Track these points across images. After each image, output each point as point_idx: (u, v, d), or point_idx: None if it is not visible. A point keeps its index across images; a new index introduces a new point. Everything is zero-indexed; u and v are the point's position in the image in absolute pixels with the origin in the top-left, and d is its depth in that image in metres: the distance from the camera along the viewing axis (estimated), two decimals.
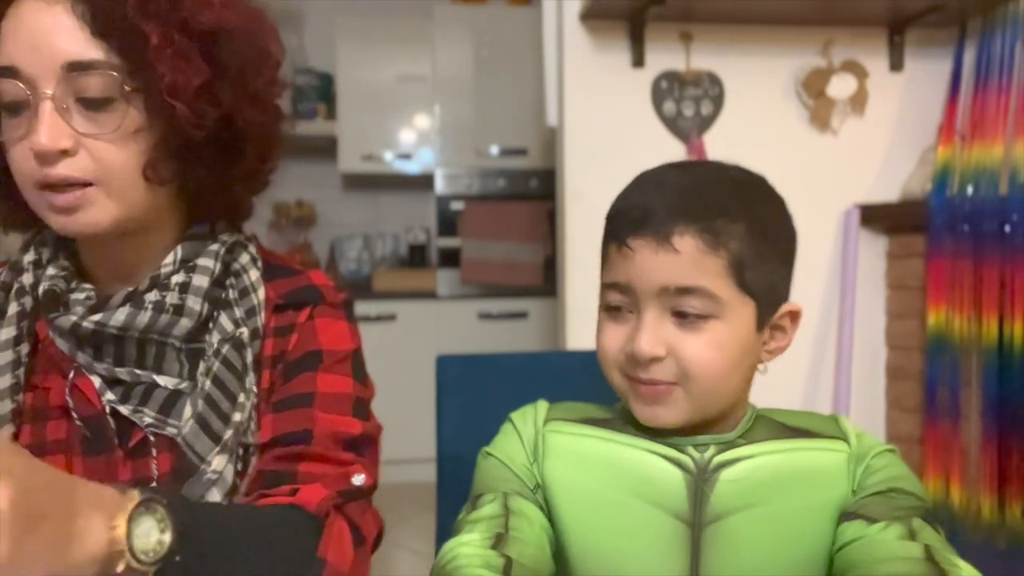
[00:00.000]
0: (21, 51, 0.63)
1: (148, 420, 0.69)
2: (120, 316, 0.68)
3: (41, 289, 0.70)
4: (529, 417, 0.72)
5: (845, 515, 0.63)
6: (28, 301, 0.71)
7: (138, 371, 0.70)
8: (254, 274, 0.76)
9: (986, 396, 1.71)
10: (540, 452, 0.69)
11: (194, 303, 0.71)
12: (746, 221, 0.63)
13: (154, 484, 0.68)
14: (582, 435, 0.69)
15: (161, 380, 0.70)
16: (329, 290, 0.79)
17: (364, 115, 3.35)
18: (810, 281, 1.98)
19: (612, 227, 0.67)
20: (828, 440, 0.67)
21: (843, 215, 1.97)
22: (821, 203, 1.96)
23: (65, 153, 0.64)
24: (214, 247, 0.74)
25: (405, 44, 3.33)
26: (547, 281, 3.07)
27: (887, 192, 1.98)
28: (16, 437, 0.68)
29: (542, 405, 0.73)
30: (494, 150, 3.32)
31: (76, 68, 0.63)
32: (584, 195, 1.89)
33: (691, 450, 0.66)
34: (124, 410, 0.69)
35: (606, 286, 0.67)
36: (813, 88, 1.92)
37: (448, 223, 3.30)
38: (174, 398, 0.70)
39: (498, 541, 0.61)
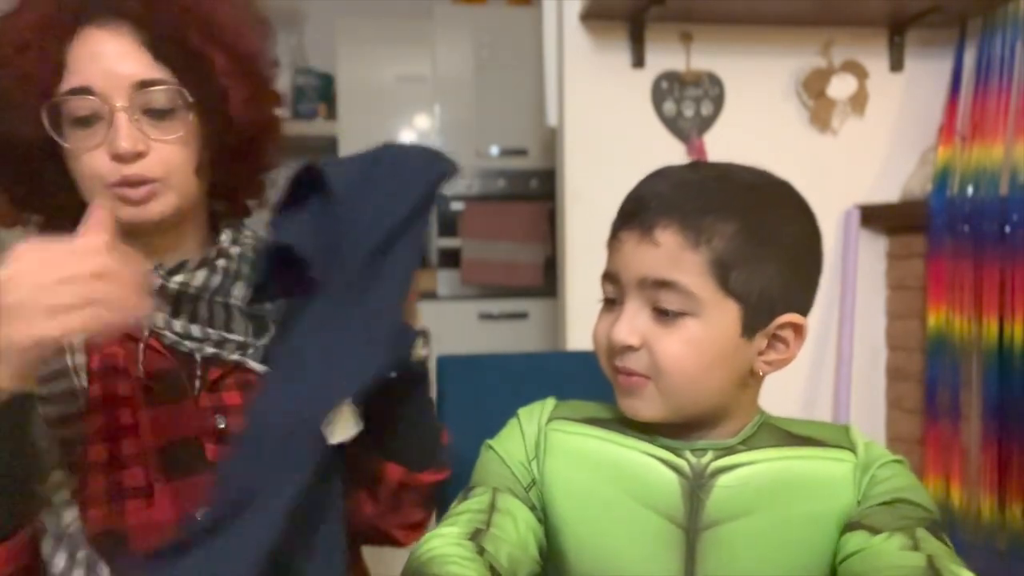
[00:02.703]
0: (94, 74, 0.75)
1: (234, 358, 0.82)
2: (200, 277, 0.81)
3: None
4: (535, 414, 0.73)
5: (848, 525, 0.62)
6: None
7: (209, 329, 0.82)
8: None
9: (986, 397, 1.71)
10: (541, 449, 0.70)
11: (247, 269, 0.86)
12: (740, 221, 0.62)
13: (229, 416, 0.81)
14: (583, 434, 0.69)
15: (230, 336, 0.83)
16: None
17: (364, 115, 3.34)
18: None
19: (614, 220, 0.68)
20: (834, 449, 0.66)
21: (843, 215, 1.97)
22: (821, 203, 1.90)
23: (140, 155, 0.76)
24: (248, 232, 0.91)
25: (405, 44, 3.33)
26: (547, 281, 3.07)
27: (887, 192, 1.98)
28: (88, 392, 0.78)
29: (549, 403, 0.74)
30: (494, 150, 3.32)
31: (145, 86, 0.76)
32: (584, 195, 1.89)
33: (688, 454, 0.65)
34: (209, 349, 0.81)
35: (602, 276, 0.68)
36: (813, 88, 1.92)
37: (448, 223, 3.30)
38: (244, 347, 0.83)
39: (476, 535, 0.62)
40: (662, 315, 0.63)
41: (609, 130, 1.89)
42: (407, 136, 3.40)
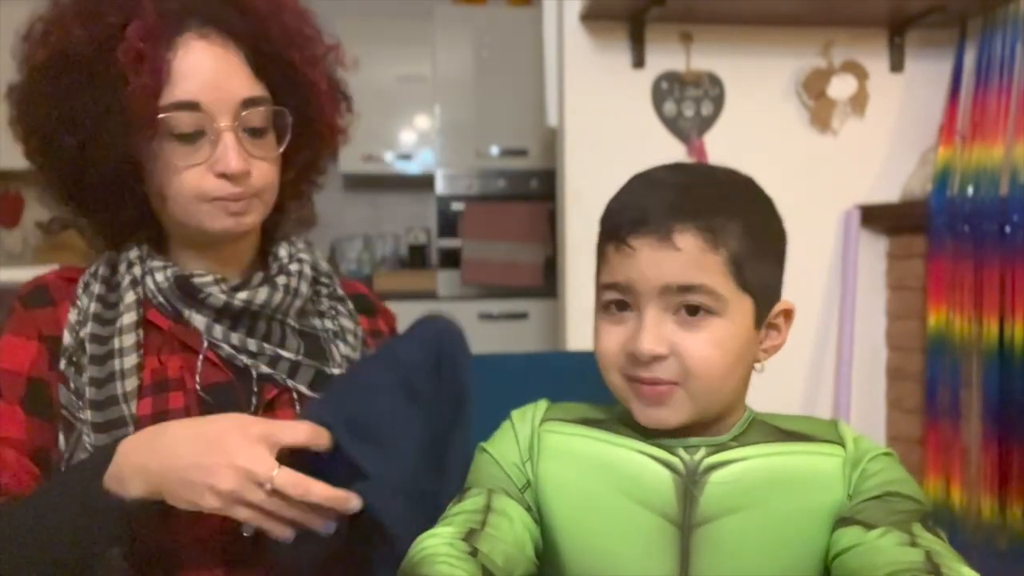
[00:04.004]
0: (203, 89, 0.75)
1: (280, 378, 0.81)
2: (262, 294, 0.81)
3: (166, 275, 0.80)
4: (528, 416, 0.73)
5: (841, 520, 0.62)
6: (140, 290, 0.81)
7: (264, 344, 0.82)
8: (324, 265, 0.92)
9: (986, 397, 1.71)
10: (535, 451, 0.70)
11: (304, 287, 0.86)
12: (743, 219, 0.64)
13: None
14: (576, 435, 0.69)
15: (284, 353, 0.82)
16: (376, 297, 0.99)
17: (364, 115, 3.33)
18: (810, 281, 1.98)
19: (610, 227, 0.67)
20: (823, 444, 0.66)
21: (843, 216, 1.97)
22: (821, 203, 1.96)
23: (247, 174, 0.77)
24: (301, 244, 0.90)
25: (405, 44, 3.33)
26: (547, 281, 3.07)
27: (888, 193, 1.98)
28: (136, 413, 0.77)
29: (542, 404, 0.74)
30: (494, 150, 3.32)
31: (250, 104, 0.77)
32: (584, 195, 1.89)
33: (681, 451, 0.66)
34: (265, 369, 0.81)
35: (604, 287, 0.67)
36: (813, 89, 1.92)
37: (448, 224, 3.30)
38: (296, 366, 0.82)
39: (470, 535, 0.62)
40: (687, 319, 0.64)
41: (609, 130, 1.89)
42: (407, 136, 3.40)
